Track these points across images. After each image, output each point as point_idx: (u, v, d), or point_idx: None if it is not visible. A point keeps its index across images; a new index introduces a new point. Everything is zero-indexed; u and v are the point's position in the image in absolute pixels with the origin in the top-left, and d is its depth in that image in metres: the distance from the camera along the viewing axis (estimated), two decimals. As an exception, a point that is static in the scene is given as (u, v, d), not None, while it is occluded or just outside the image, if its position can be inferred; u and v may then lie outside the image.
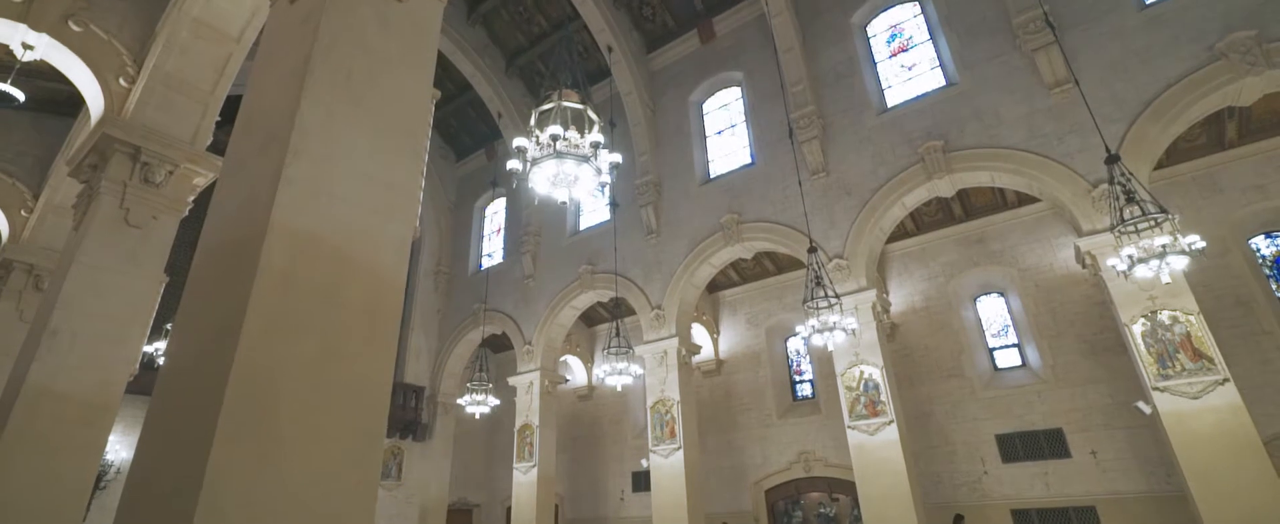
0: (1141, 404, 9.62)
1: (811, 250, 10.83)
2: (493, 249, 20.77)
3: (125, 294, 5.62)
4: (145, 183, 6.15)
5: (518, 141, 5.11)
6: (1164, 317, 9.23)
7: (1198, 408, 8.66)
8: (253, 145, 3.02)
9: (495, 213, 21.50)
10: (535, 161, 5.00)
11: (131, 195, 6.05)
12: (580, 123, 5.14)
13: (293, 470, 2.36)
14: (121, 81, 6.64)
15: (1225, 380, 8.62)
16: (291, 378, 2.50)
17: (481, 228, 21.68)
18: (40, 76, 10.28)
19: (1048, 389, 12.27)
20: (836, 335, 10.18)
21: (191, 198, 6.60)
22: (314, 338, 2.58)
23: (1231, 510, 8.07)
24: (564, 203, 5.22)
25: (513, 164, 5.14)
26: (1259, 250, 11.75)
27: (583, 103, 5.31)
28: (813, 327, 10.20)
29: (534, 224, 18.61)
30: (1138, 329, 9.36)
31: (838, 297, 10.38)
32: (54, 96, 11.15)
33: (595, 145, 5.05)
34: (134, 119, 6.39)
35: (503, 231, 20.53)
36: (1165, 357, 9.07)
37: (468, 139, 22.05)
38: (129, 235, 5.90)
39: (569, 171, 4.93)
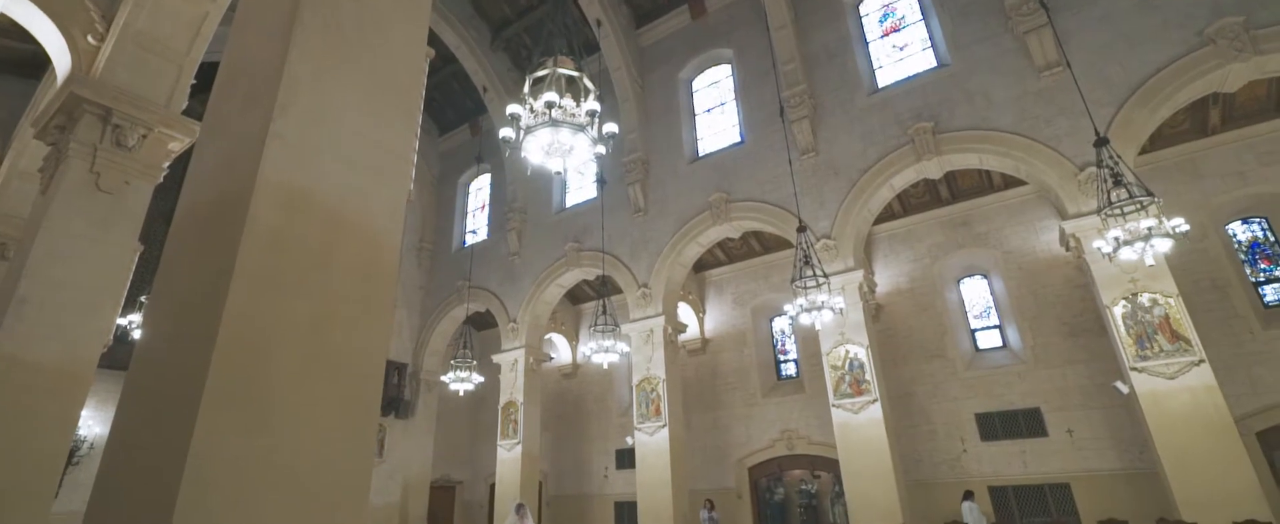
0: (1119, 384, 9.84)
1: (801, 229, 10.81)
2: (477, 226, 20.49)
3: (97, 262, 5.39)
4: (117, 146, 5.86)
5: (511, 108, 4.93)
6: (1144, 299, 9.40)
7: (1173, 388, 8.87)
8: (237, 100, 2.84)
9: (480, 189, 21.17)
10: (529, 130, 4.84)
11: (102, 159, 5.77)
12: (575, 91, 4.99)
13: (285, 440, 2.25)
14: (90, 40, 6.30)
15: (1201, 361, 8.83)
16: (282, 343, 2.37)
17: (465, 204, 21.35)
18: (2, 35, 9.77)
19: (1027, 370, 12.50)
20: (824, 315, 10.22)
21: (166, 164, 6.33)
22: (306, 302, 2.45)
23: (1202, 487, 8.32)
24: (560, 173, 5.09)
25: (505, 132, 4.97)
26: (1235, 236, 12.00)
27: (578, 70, 5.14)
28: (800, 306, 10.23)
29: (519, 201, 18.36)
30: (1118, 311, 9.52)
31: (826, 276, 10.39)
32: (17, 56, 10.63)
33: (591, 114, 4.90)
34: (104, 79, 6.07)
35: (487, 208, 20.24)
36: (1144, 338, 9.25)
37: (452, 113, 21.59)
38: (100, 201, 5.64)
39: (564, 141, 4.78)
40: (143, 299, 11.41)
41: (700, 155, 15.65)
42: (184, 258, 2.57)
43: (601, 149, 5.15)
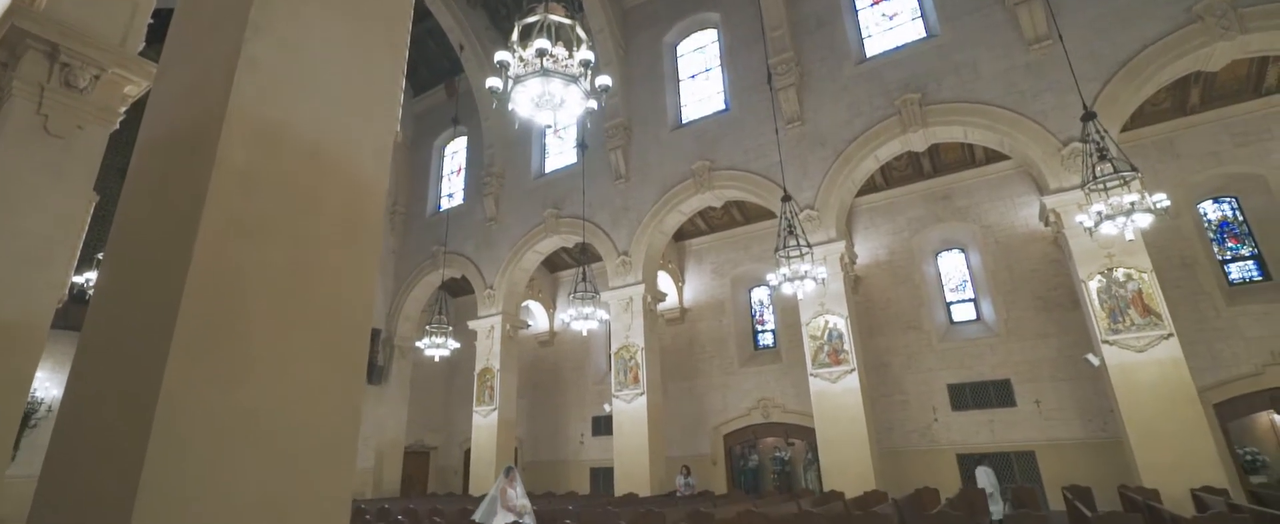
0: (1090, 356, 10.08)
1: (785, 199, 10.71)
2: (453, 190, 19.97)
3: (48, 211, 4.99)
4: (67, 87, 5.39)
5: (500, 55, 4.63)
6: (1119, 274, 9.58)
7: (1142, 361, 9.12)
8: (203, 21, 2.54)
9: (456, 152, 20.59)
10: (518, 80, 4.56)
11: (51, 100, 5.30)
12: (567, 39, 4.71)
13: (266, 395, 2.05)
14: (32, -31, 5.74)
15: (1170, 335, 9.08)
16: (260, 292, 2.15)
17: (441, 167, 20.77)
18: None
19: (1000, 342, 12.77)
20: (806, 284, 10.21)
21: (123, 109, 5.87)
22: (285, 246, 2.22)
23: (1164, 454, 8.63)
24: (549, 126, 4.85)
25: (493, 82, 4.68)
26: (1206, 215, 12.28)
27: (570, 18, 4.85)
28: (784, 275, 10.19)
29: (497, 165, 17.90)
30: (1094, 285, 9.70)
31: (810, 246, 10.35)
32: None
33: (584, 64, 4.63)
34: (50, 13, 5.55)
35: (463, 172, 19.72)
36: (1117, 312, 9.46)
37: (426, 72, 20.79)
38: (50, 145, 5.20)
39: (555, 93, 4.52)
40: (100, 257, 10.85)
41: (684, 122, 15.38)
42: (145, 196, 2.31)
43: (593, 104, 4.90)
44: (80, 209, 5.31)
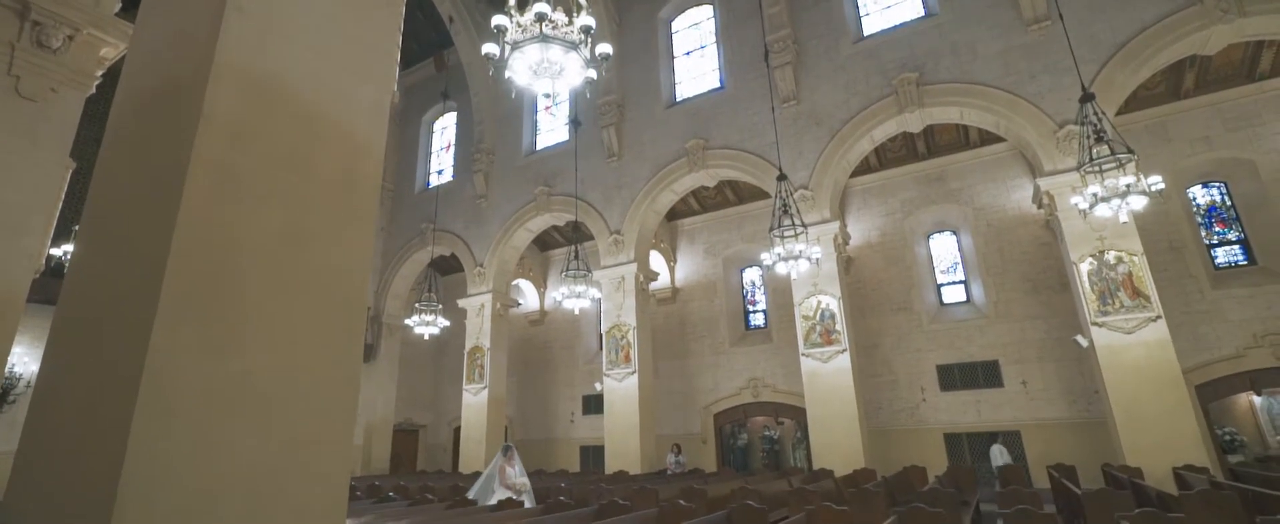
0: (1079, 338, 10.18)
1: (781, 177, 10.62)
2: (442, 166, 19.67)
3: (22, 177, 4.78)
4: (39, 47, 5.14)
5: (497, 20, 4.45)
6: (1110, 256, 9.64)
7: (1130, 342, 9.22)
8: (185, -34, 2.37)
9: (445, 128, 20.23)
10: (516, 45, 4.39)
11: (22, 61, 5.06)
12: (566, 5, 4.53)
13: (260, 363, 1.95)
14: (-2, -79, 5.43)
15: (1158, 317, 9.18)
16: (252, 255, 2.03)
17: (429, 143, 20.42)
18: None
19: (989, 324, 12.87)
20: (800, 264, 10.18)
21: (100, 72, 5.63)
22: (278, 209, 2.10)
23: (1148, 434, 8.78)
24: (547, 94, 4.70)
25: (489, 48, 4.52)
26: (1195, 199, 12.37)
27: (570, -17, 4.67)
28: (778, 255, 10.14)
29: (487, 142, 17.62)
30: (1085, 268, 9.76)
31: (805, 226, 10.30)
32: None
33: (585, 30, 4.47)
34: (18, -32, 5.27)
35: (453, 148, 19.40)
36: (1107, 294, 9.54)
37: (414, 44, 20.29)
38: (22, 109, 4.97)
39: (554, 60, 4.35)
40: (76, 228, 10.55)
41: (678, 100, 15.18)
42: (126, 153, 2.17)
43: (593, 73, 4.74)
44: (56, 176, 5.11)
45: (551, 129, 17.46)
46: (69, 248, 10.38)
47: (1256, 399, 11.38)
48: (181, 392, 1.75)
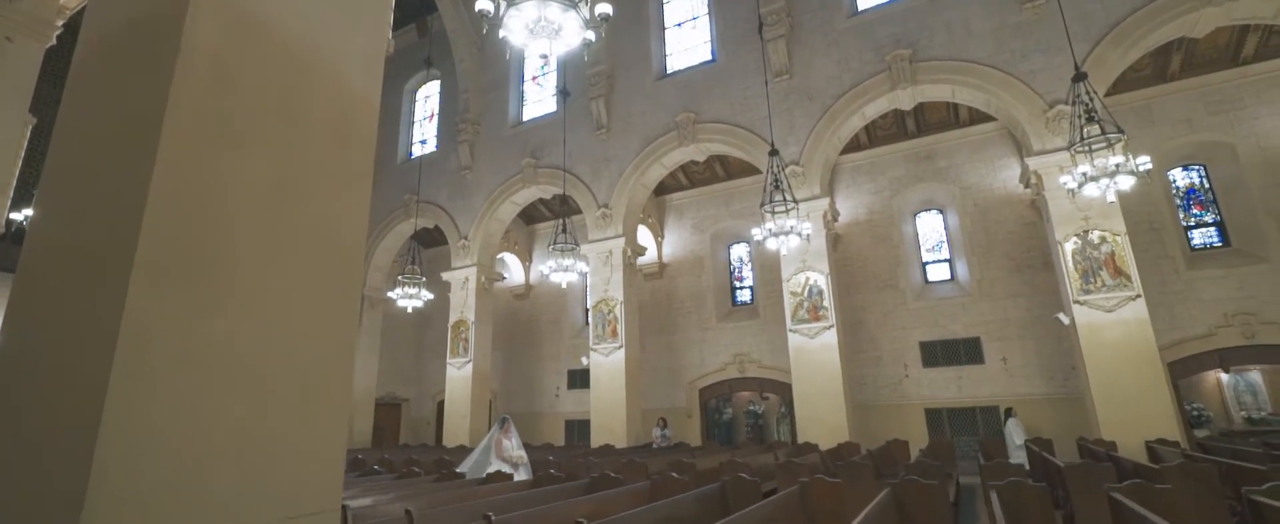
0: (1061, 315, 10.33)
1: (773, 152, 10.52)
2: (425, 136, 19.22)
3: (-20, 133, 4.50)
4: (-6, -6, 4.81)
5: (492, -24, 4.24)
6: (1094, 236, 9.76)
7: (1110, 320, 9.38)
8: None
9: (428, 97, 19.73)
10: (512, 1, 4.18)
11: (-24, 9, 4.72)
12: (564, -38, 4.32)
13: (247, 326, 1.82)
14: None
15: (1137, 296, 9.34)
16: (238, 207, 1.89)
17: (412, 112, 19.91)
18: None
19: (972, 302, 13.03)
20: (791, 240, 10.15)
21: (61, 21, 5.29)
22: (267, 159, 1.95)
23: (1124, 409, 8.99)
24: (544, 57, 4.51)
25: (483, 4, 4.31)
26: (1175, 181, 12.54)
27: (567, -62, 4.45)
28: (769, 230, 10.10)
29: (472, 111, 17.22)
30: (1069, 247, 9.87)
31: (796, 201, 10.25)
32: None
33: (584, -12, 4.29)
34: (-31, -92, 4.90)
35: (437, 118, 18.94)
36: (1089, 273, 9.67)
37: (396, 10, 19.63)
38: (-22, 60, 4.66)
39: (552, 18, 4.17)
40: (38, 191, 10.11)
41: (668, 72, 14.93)
42: (94, 94, 1.99)
43: (592, 35, 4.57)
44: (15, 132, 4.82)
45: (539, 99, 17.11)
46: (30, 213, 9.96)
47: (1224, 377, 11.71)
48: (164, 356, 1.61)
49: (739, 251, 16.53)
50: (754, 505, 4.06)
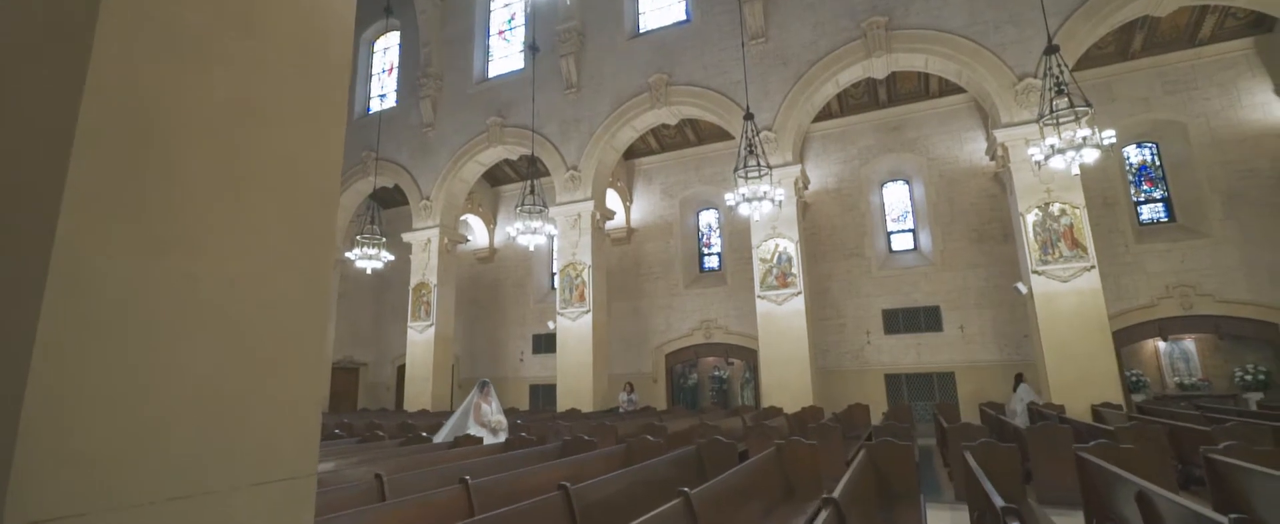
0: (1019, 285, 10.67)
1: (748, 117, 10.37)
2: (385, 90, 18.32)
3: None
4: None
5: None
6: (1055, 208, 10.02)
7: (1065, 290, 9.73)
8: None
9: (387, 48, 18.74)
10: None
11: None
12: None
13: (208, 267, 1.59)
14: None
15: (1092, 267, 9.68)
16: (192, 128, 1.63)
17: (370, 65, 18.92)
18: None
19: (934, 271, 13.35)
20: (764, 206, 10.11)
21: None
22: (224, 77, 1.69)
23: (1073, 375, 9.42)
24: (510, 6, 4.18)
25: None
26: (1129, 158, 12.97)
27: None
28: (742, 195, 10.02)
29: (434, 66, 16.44)
30: (1031, 218, 10.12)
31: (770, 167, 10.17)
32: None
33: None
34: None
35: (396, 71, 18.04)
36: (1048, 244, 9.96)
37: (352, -47, 18.41)
38: None
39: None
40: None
41: (641, 31, 14.50)
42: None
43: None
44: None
45: (505, 55, 16.45)
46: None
47: (1161, 345, 12.38)
48: (106, 300, 1.38)
49: (708, 218, 16.48)
50: (737, 468, 4.04)
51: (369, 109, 18.23)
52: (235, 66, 1.72)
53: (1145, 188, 12.96)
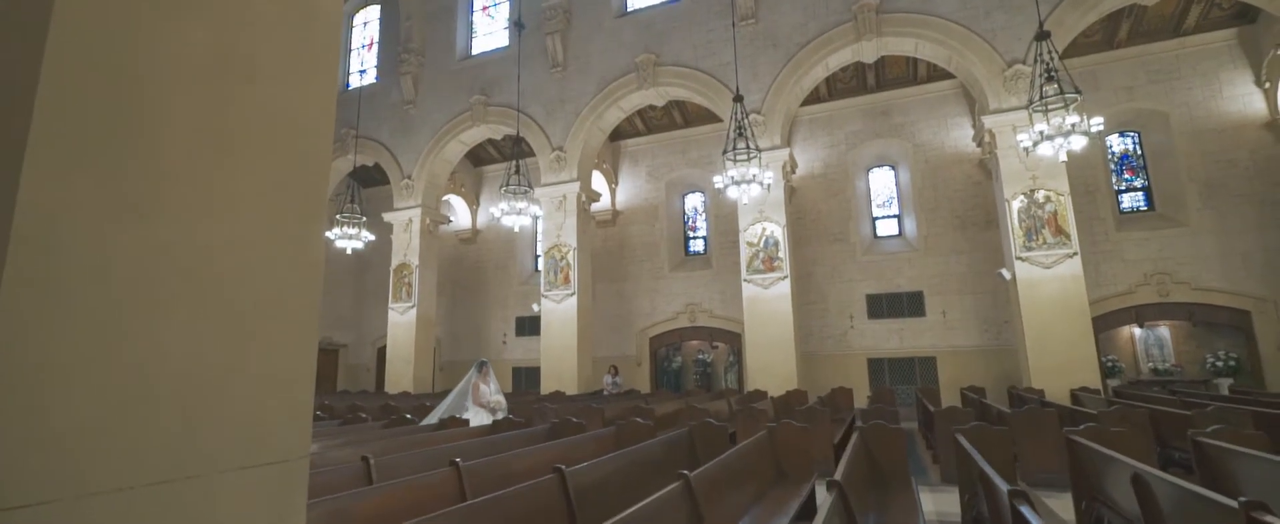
0: (1003, 271, 10.78)
1: (737, 99, 10.25)
2: (365, 65, 17.83)
3: None
4: None
5: None
6: (1040, 195, 10.11)
7: (1047, 276, 9.85)
8: None
9: (367, 22, 18.21)
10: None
11: None
12: None
13: (188, 230, 1.45)
14: None
15: (1074, 254, 9.81)
16: (170, 85, 1.48)
17: (349, 39, 18.37)
18: None
19: (917, 257, 13.45)
20: (752, 189, 10.04)
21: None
22: (204, 23, 1.54)
23: (1053, 360, 9.58)
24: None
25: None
26: (1111, 147, 13.12)
27: None
28: (731, 178, 9.94)
29: (416, 41, 16.02)
30: (1016, 205, 10.21)
31: (759, 150, 10.09)
32: None
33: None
34: None
35: (376, 47, 17.56)
36: (1032, 231, 10.06)
37: (329, -79, 17.77)
38: None
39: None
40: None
41: (629, 10, 14.24)
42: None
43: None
44: None
45: (489, 32, 16.08)
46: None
47: (1137, 331, 12.65)
48: (78, 266, 1.24)
49: (694, 201, 16.39)
50: (731, 450, 4.00)
51: (348, 85, 17.74)
52: (217, 13, 1.57)
53: (1126, 176, 13.14)
